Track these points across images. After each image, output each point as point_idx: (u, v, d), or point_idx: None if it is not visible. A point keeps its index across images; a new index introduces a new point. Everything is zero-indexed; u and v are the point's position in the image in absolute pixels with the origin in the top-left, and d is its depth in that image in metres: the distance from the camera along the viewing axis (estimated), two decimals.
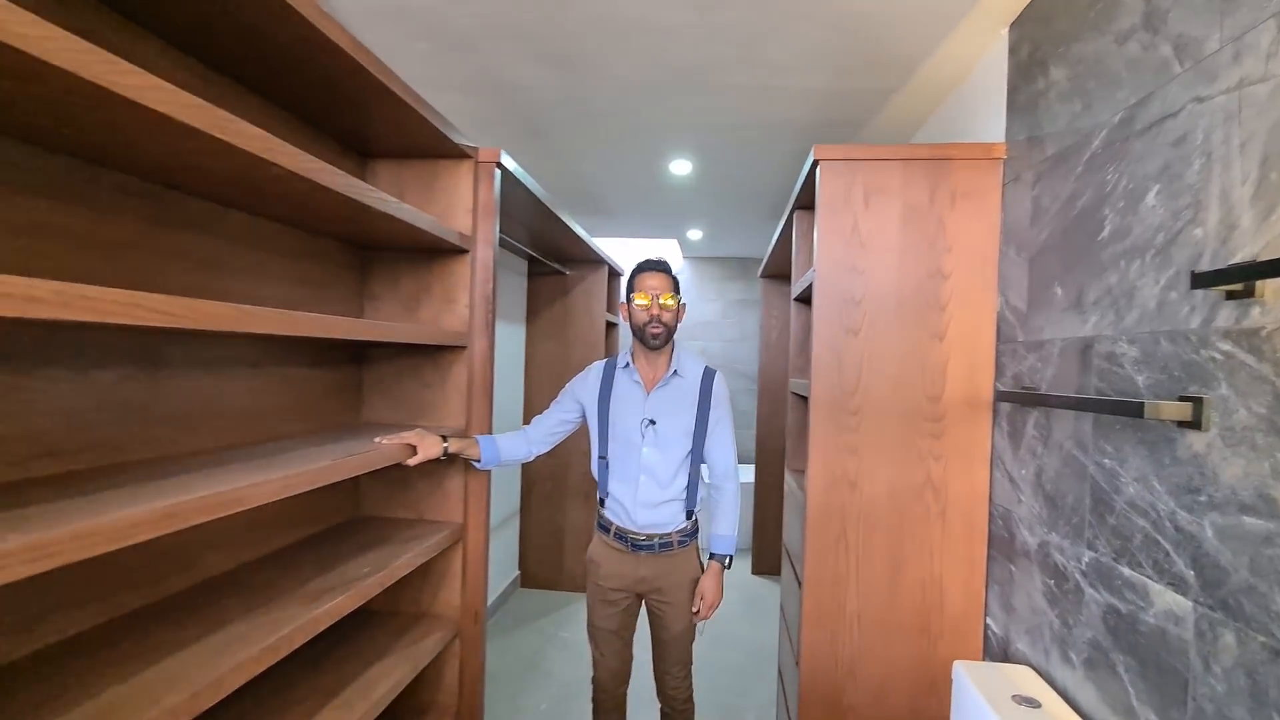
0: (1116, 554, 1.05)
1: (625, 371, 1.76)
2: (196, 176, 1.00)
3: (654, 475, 1.68)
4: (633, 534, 1.70)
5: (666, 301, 1.67)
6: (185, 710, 0.78)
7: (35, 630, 0.88)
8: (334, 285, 1.56)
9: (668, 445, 1.68)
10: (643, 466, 1.68)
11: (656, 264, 1.72)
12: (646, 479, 1.68)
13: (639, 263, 1.75)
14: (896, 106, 2.10)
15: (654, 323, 1.67)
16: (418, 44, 1.80)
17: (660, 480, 1.68)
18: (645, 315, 1.67)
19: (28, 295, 0.60)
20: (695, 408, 1.70)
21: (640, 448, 1.68)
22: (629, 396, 1.73)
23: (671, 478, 1.69)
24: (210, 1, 0.93)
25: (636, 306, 1.68)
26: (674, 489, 1.69)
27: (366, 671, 1.33)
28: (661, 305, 1.67)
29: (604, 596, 1.75)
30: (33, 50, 0.60)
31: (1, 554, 0.58)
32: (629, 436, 1.70)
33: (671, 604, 1.72)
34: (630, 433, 1.69)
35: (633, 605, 1.77)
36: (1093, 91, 1.18)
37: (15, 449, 0.85)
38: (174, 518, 0.76)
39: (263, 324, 0.92)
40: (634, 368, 1.75)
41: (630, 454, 1.69)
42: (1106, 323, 1.10)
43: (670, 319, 1.69)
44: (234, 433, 1.24)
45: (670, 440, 1.68)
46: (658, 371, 1.74)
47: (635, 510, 1.69)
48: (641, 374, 1.75)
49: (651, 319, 1.67)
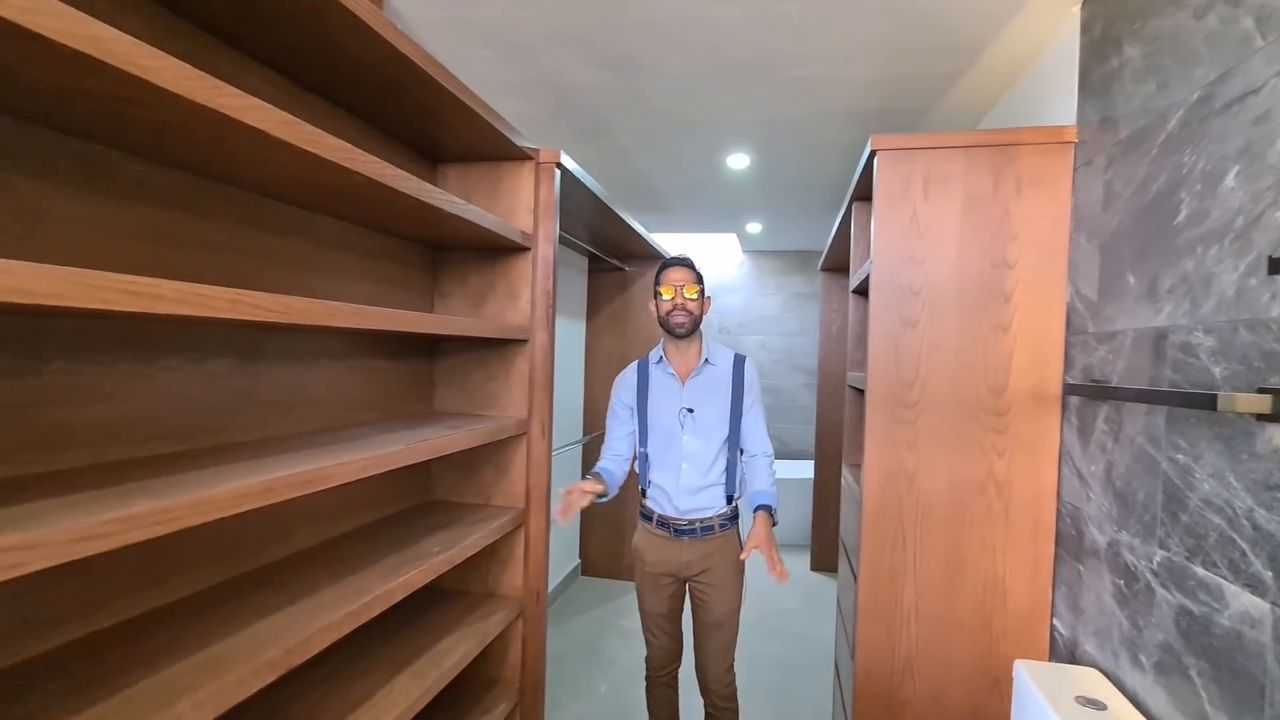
0: (1190, 553, 1.01)
1: (659, 366, 1.84)
2: (288, 185, 1.10)
3: (695, 462, 1.75)
4: (675, 520, 1.76)
5: (690, 293, 1.74)
6: (281, 663, 0.88)
7: (161, 588, 1.00)
8: (408, 283, 1.66)
9: (706, 432, 1.75)
10: (684, 454, 1.75)
11: (679, 260, 1.80)
12: (688, 466, 1.75)
13: (663, 260, 1.85)
14: (962, 91, 2.04)
15: (678, 311, 1.74)
16: (482, 52, 1.89)
17: (700, 467, 1.75)
18: (670, 305, 1.75)
19: (154, 294, 0.69)
20: (730, 394, 1.77)
21: (680, 436, 1.76)
22: (665, 388, 1.81)
23: (711, 463, 1.75)
24: (300, 26, 1.03)
25: (662, 299, 1.77)
26: (714, 474, 1.75)
27: (437, 644, 1.42)
28: (685, 296, 1.74)
29: (652, 582, 1.82)
30: (153, 79, 0.69)
31: (131, 516, 0.67)
32: (668, 426, 1.77)
33: (714, 586, 1.76)
34: (669, 423, 1.77)
35: (679, 590, 1.83)
36: (1169, 69, 1.12)
37: (139, 430, 0.97)
38: (272, 491, 0.85)
39: (347, 319, 1.01)
40: (667, 361, 1.82)
41: (671, 443, 1.77)
42: (1181, 312, 1.05)
43: (695, 308, 1.76)
44: (320, 419, 1.35)
45: (708, 427, 1.75)
46: (690, 362, 1.81)
47: (678, 497, 1.75)
48: (675, 366, 1.82)
49: (676, 308, 1.74)
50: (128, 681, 0.78)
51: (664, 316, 1.77)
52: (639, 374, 1.87)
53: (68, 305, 0.61)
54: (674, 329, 1.76)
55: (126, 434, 0.95)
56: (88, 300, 0.62)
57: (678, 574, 1.79)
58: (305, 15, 0.99)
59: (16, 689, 0.75)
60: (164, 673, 0.80)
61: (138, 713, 0.72)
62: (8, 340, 0.80)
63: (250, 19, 1.01)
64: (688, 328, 1.76)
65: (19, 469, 0.81)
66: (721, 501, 1.77)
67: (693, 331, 1.78)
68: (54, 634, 0.86)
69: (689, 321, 1.75)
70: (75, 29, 0.60)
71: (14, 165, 0.79)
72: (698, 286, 1.77)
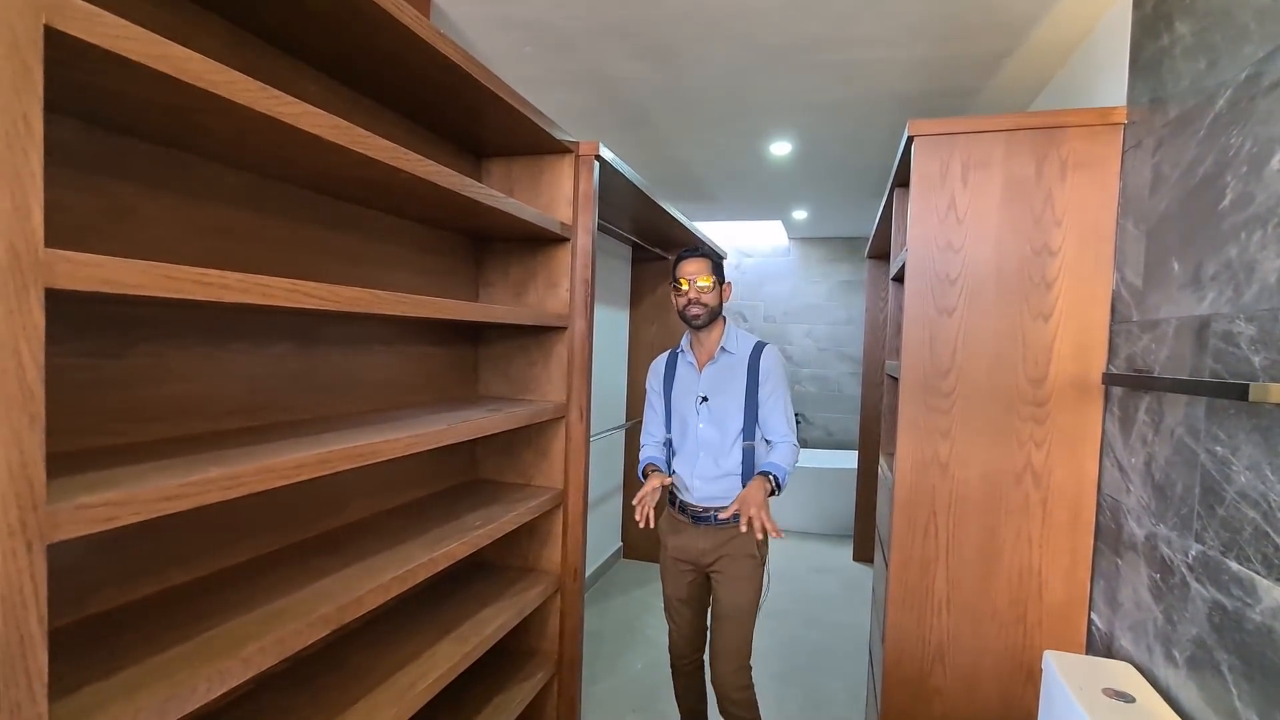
0: (1225, 547, 0.99)
1: (682, 356, 1.88)
2: (340, 183, 1.19)
3: (710, 450, 1.76)
4: (693, 506, 1.78)
5: (701, 284, 1.74)
6: (334, 619, 0.97)
7: (230, 550, 1.12)
8: (454, 273, 1.75)
9: (721, 420, 1.76)
10: (700, 442, 1.77)
11: (691, 251, 1.80)
12: (704, 454, 1.77)
13: (678, 253, 1.84)
14: (1011, 73, 1.98)
15: (691, 304, 1.75)
16: (524, 48, 1.95)
17: (716, 455, 1.76)
18: (684, 299, 1.77)
19: (222, 284, 0.78)
20: (745, 382, 1.76)
21: (696, 424, 1.78)
22: (685, 377, 1.85)
23: (727, 452, 1.75)
24: (356, 36, 1.10)
25: (678, 293, 1.79)
26: (729, 463, 1.75)
27: (480, 613, 1.51)
28: (698, 288, 1.74)
29: (672, 566, 1.83)
30: (222, 92, 0.77)
31: (206, 480, 0.77)
32: (686, 415, 1.81)
33: (725, 577, 1.74)
34: (687, 411, 1.81)
35: (699, 579, 1.83)
36: (1219, 46, 1.08)
37: (211, 408, 1.08)
38: (327, 463, 0.94)
39: (392, 306, 1.09)
40: (689, 351, 1.86)
41: (688, 431, 1.80)
42: (1224, 299, 1.02)
43: (709, 299, 1.76)
44: (372, 400, 1.45)
45: (723, 415, 1.76)
46: (710, 350, 1.83)
47: (695, 484, 1.77)
48: (695, 355, 1.85)
49: (690, 301, 1.75)
50: (203, 628, 0.88)
51: (681, 310, 1.80)
52: (668, 362, 1.92)
53: (149, 294, 0.69)
54: (690, 320, 1.78)
55: (202, 410, 1.05)
56: (165, 289, 0.70)
57: (696, 562, 1.79)
58: (361, 26, 1.06)
59: (107, 632, 0.87)
60: (232, 622, 0.91)
61: (211, 653, 0.81)
62: (102, 326, 0.90)
63: (310, 31, 1.09)
64: (704, 319, 1.77)
65: (112, 439, 0.92)
66: (738, 492, 1.72)
67: (710, 322, 1.79)
68: (137, 586, 0.97)
69: (704, 313, 1.76)
70: (155, 50, 0.68)
71: (105, 169, 0.90)
72: (711, 277, 1.76)
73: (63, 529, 0.62)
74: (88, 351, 0.89)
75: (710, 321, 1.79)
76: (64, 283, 0.61)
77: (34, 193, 0.58)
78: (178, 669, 0.78)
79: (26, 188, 0.57)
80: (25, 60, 0.57)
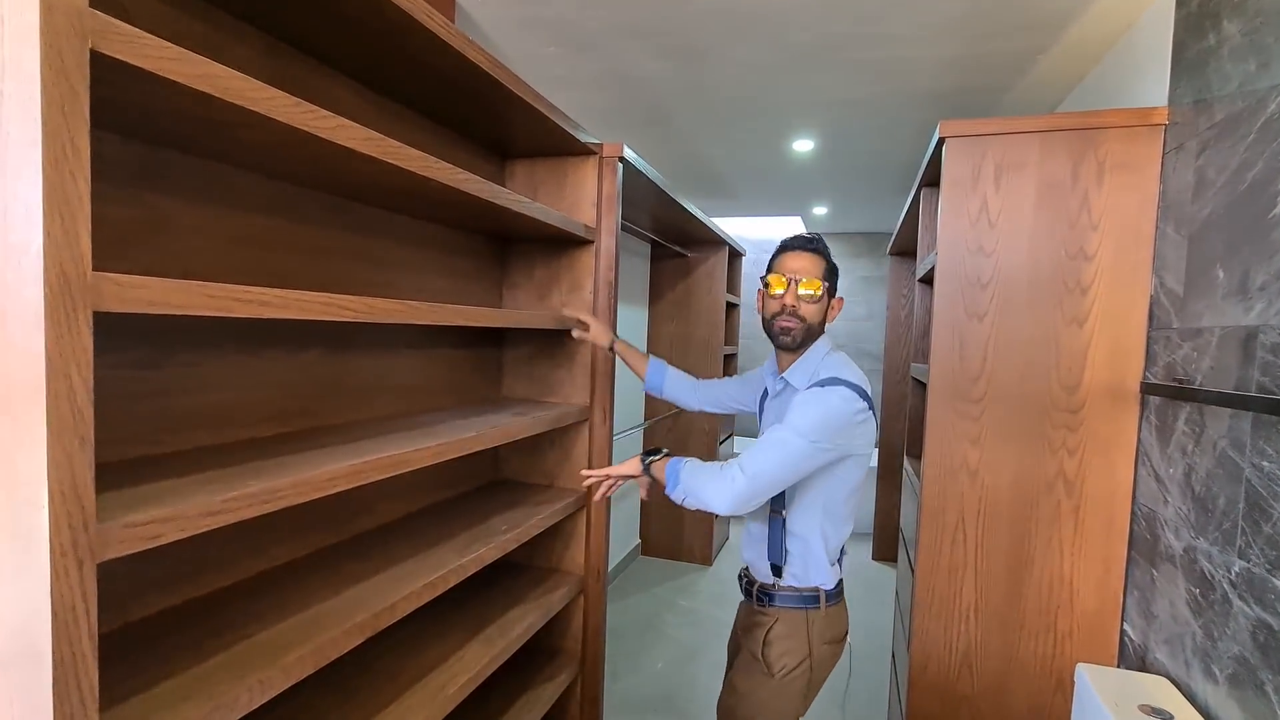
0: (1271, 565, 0.96)
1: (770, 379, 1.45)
2: (372, 191, 1.20)
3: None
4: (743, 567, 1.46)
5: (806, 290, 1.24)
6: (369, 626, 0.98)
7: (265, 555, 1.13)
8: (480, 276, 1.75)
9: None
10: None
11: (805, 241, 1.30)
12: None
13: (783, 240, 1.33)
14: (1044, 70, 1.93)
15: (786, 314, 1.25)
16: (549, 48, 1.94)
17: (756, 513, 1.35)
18: (777, 304, 1.27)
19: (260, 300, 0.78)
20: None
21: None
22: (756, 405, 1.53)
23: (762, 516, 1.35)
24: (384, 43, 1.10)
25: (769, 294, 1.29)
26: (758, 528, 1.37)
27: (506, 614, 1.52)
28: (800, 294, 1.24)
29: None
30: (259, 109, 0.77)
31: (245, 495, 0.77)
32: None
33: (731, 668, 1.43)
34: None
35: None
36: (1272, 48, 1.04)
37: (246, 415, 1.09)
38: (359, 474, 0.95)
39: (423, 316, 1.09)
40: (771, 377, 1.43)
41: None
42: (1273, 311, 0.99)
43: (811, 313, 1.26)
44: (401, 403, 1.46)
45: None
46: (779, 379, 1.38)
47: (744, 539, 1.44)
48: (767, 379, 1.45)
49: (784, 309, 1.25)
50: (242, 635, 0.90)
51: (768, 319, 1.29)
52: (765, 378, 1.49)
53: (192, 314, 0.70)
54: (776, 338, 1.28)
55: (238, 418, 1.07)
56: (209, 309, 0.71)
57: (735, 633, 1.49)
58: (390, 34, 1.06)
59: (150, 639, 0.88)
60: (271, 630, 0.92)
61: (252, 662, 0.83)
62: (141, 338, 0.92)
63: (341, 39, 1.09)
64: (797, 338, 1.26)
65: (152, 449, 0.94)
66: (765, 566, 1.35)
67: (803, 344, 1.28)
68: (178, 591, 0.99)
69: (799, 330, 1.25)
70: (197, 70, 0.68)
71: (145, 182, 0.91)
72: (822, 284, 1.25)
73: (112, 548, 0.63)
74: (129, 363, 0.90)
75: (803, 344, 1.29)
76: (111, 305, 0.62)
77: (82, 217, 0.58)
78: (220, 679, 0.79)
79: (75, 212, 0.58)
80: (73, 85, 0.57)
